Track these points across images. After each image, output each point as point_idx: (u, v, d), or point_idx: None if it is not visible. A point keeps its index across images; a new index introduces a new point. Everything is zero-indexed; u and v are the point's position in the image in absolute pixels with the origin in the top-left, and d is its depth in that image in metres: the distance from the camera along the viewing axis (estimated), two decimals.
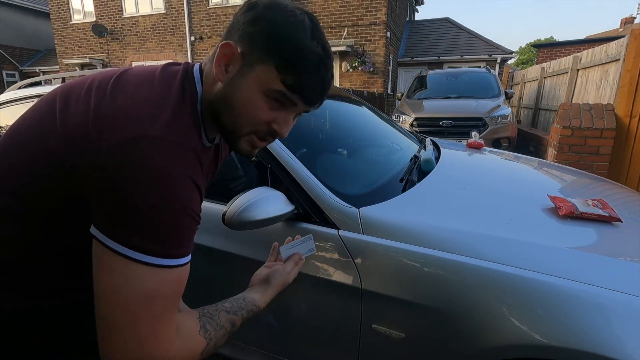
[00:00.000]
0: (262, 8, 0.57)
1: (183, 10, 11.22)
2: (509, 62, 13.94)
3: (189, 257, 0.58)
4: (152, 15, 11.89)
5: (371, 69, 10.04)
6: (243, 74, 0.58)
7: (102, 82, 0.59)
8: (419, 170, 1.47)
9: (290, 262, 0.89)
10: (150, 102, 0.56)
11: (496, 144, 4.75)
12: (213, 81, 0.61)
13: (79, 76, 0.74)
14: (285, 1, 0.59)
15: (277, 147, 1.17)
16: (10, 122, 1.85)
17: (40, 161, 0.56)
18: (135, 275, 0.51)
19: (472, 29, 12.24)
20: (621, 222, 1.15)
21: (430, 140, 2.03)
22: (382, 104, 9.48)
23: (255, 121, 0.60)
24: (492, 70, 6.29)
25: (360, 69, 10.05)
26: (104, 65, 13.26)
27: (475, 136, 2.26)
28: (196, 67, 0.65)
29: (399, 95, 6.89)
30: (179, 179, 0.53)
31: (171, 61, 0.67)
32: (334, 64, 10.45)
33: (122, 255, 0.51)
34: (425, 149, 1.75)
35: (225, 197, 1.18)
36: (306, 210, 1.12)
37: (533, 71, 7.46)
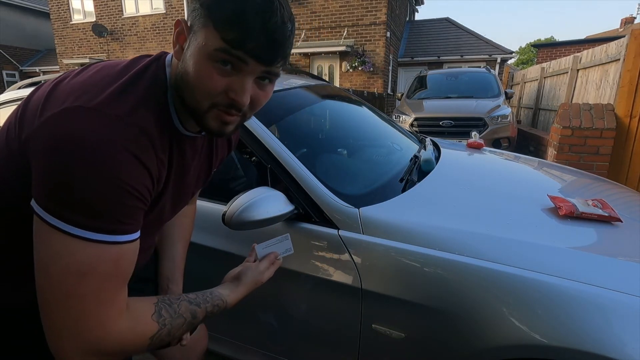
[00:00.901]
0: None
1: (183, 10, 11.22)
2: (509, 62, 13.95)
3: (130, 236, 0.54)
4: (152, 15, 11.89)
5: (371, 69, 10.04)
6: (190, 46, 0.55)
7: (71, 72, 0.60)
8: (419, 170, 1.47)
9: (264, 261, 0.86)
10: (102, 81, 0.55)
11: (496, 144, 4.75)
12: (176, 64, 0.59)
13: None
14: None
15: (277, 147, 1.17)
16: None
17: (6, 150, 0.57)
18: (67, 249, 0.49)
19: (472, 29, 12.25)
20: (621, 222, 1.15)
21: (430, 140, 2.03)
22: (382, 104, 9.48)
23: (210, 91, 0.55)
24: (492, 70, 6.29)
25: (360, 69, 10.05)
26: None
27: (475, 136, 2.26)
28: (169, 55, 0.63)
29: (399, 95, 6.89)
30: (113, 151, 0.50)
31: (146, 54, 0.66)
32: (334, 64, 10.51)
33: (55, 227, 0.49)
34: (425, 149, 1.75)
35: (225, 197, 1.18)
36: (306, 210, 1.12)
37: (533, 71, 7.46)
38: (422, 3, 17.10)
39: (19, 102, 1.66)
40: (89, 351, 0.51)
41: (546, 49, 12.13)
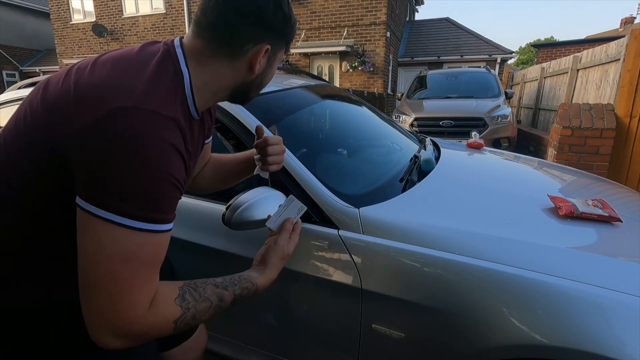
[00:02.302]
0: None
1: (183, 10, 11.22)
2: (509, 62, 13.95)
3: (169, 226, 0.59)
4: (152, 15, 11.89)
5: (371, 69, 10.04)
6: (271, 64, 0.72)
7: (82, 64, 0.63)
8: (419, 170, 1.47)
9: (283, 234, 0.85)
10: (127, 77, 0.58)
11: (496, 144, 4.75)
12: (237, 72, 0.68)
13: None
14: None
15: None
16: None
17: (30, 146, 0.59)
18: (113, 237, 0.53)
19: (472, 29, 12.25)
20: (621, 222, 1.15)
21: (430, 140, 2.03)
22: (382, 104, 9.48)
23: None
24: (492, 70, 6.29)
25: (360, 69, 10.05)
26: None
27: (475, 136, 2.26)
28: (176, 43, 0.66)
29: (399, 95, 6.89)
30: (156, 144, 0.54)
31: (150, 40, 0.71)
32: (334, 64, 10.52)
33: (101, 217, 0.53)
34: (425, 149, 1.75)
35: (225, 197, 1.18)
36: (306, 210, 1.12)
37: (533, 71, 7.46)
38: (422, 3, 17.10)
39: (19, 102, 1.66)
40: (118, 333, 0.55)
41: (546, 49, 12.13)
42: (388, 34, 9.95)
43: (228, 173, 1.04)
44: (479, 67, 8.07)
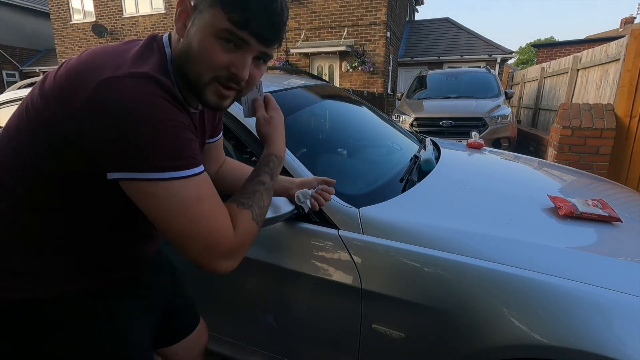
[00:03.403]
0: None
1: None
2: (509, 62, 13.94)
3: (202, 167, 0.63)
4: (152, 15, 11.89)
5: (371, 69, 10.04)
6: (195, 23, 0.60)
7: (73, 57, 0.66)
8: (418, 170, 1.47)
9: (259, 109, 0.81)
10: (114, 56, 0.61)
11: (496, 144, 4.75)
12: (177, 40, 0.65)
13: None
14: None
15: None
16: None
17: (33, 138, 0.61)
18: (174, 191, 0.58)
19: (472, 29, 12.24)
20: (621, 222, 1.15)
21: (430, 140, 2.03)
22: (382, 104, 9.48)
23: (213, 66, 0.61)
24: (492, 70, 6.29)
25: (360, 69, 10.04)
26: None
27: (475, 136, 2.26)
28: (165, 34, 0.69)
29: (399, 95, 6.89)
30: (155, 100, 0.56)
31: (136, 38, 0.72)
32: (334, 64, 10.51)
33: (153, 179, 0.57)
34: (425, 149, 1.75)
35: (224, 196, 1.18)
36: None
37: (533, 71, 7.46)
38: (422, 3, 17.09)
39: (19, 102, 1.65)
40: (225, 255, 0.63)
41: (546, 49, 12.14)
42: (388, 34, 9.95)
43: None
44: (479, 67, 8.07)
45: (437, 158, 1.68)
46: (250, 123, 1.21)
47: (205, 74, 0.62)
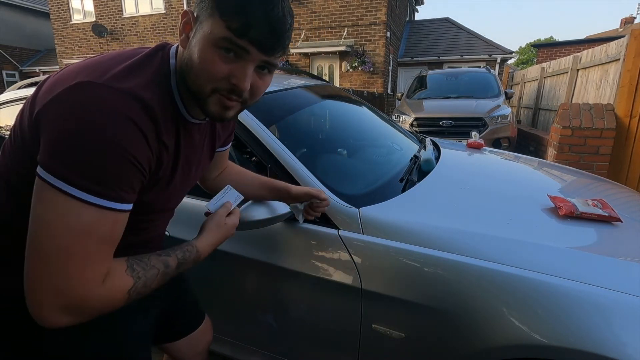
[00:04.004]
0: None
1: (183, 10, 11.22)
2: (509, 62, 13.94)
3: (127, 206, 0.58)
4: (152, 15, 11.89)
5: (371, 69, 10.04)
6: (196, 34, 0.59)
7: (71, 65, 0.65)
8: (418, 170, 1.47)
9: (222, 208, 0.83)
10: (110, 62, 0.59)
11: (496, 144, 4.75)
12: (181, 53, 0.63)
13: None
14: None
15: (277, 147, 1.17)
16: (11, 122, 1.85)
17: (23, 143, 0.60)
18: (70, 210, 0.52)
19: (472, 29, 12.24)
20: (621, 222, 1.15)
21: (430, 140, 2.03)
22: (382, 104, 9.48)
23: (213, 77, 0.59)
24: (492, 70, 6.29)
25: (360, 69, 10.05)
26: None
27: (475, 136, 2.26)
28: (174, 46, 0.67)
29: (399, 95, 6.89)
30: (116, 119, 0.53)
31: (147, 46, 0.71)
32: (334, 64, 10.51)
33: (59, 189, 0.52)
34: (425, 149, 1.75)
35: None
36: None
37: (533, 71, 7.46)
38: (422, 3, 17.09)
39: (19, 102, 1.66)
40: (68, 308, 0.54)
41: (546, 49, 12.14)
42: (388, 34, 9.95)
43: (258, 192, 1.04)
44: (479, 67, 8.07)
45: (437, 158, 1.68)
46: (255, 127, 1.21)
47: (206, 85, 0.60)
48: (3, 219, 0.64)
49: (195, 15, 0.60)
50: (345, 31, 10.09)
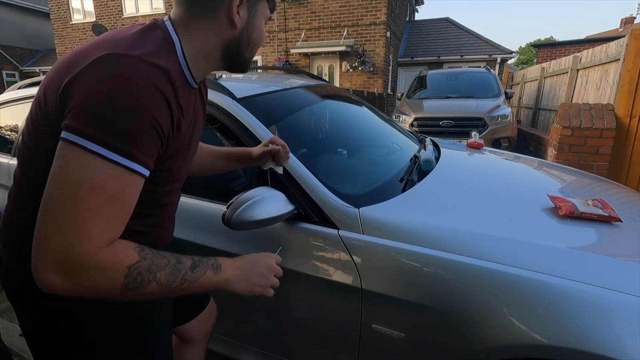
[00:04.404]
0: None
1: None
2: (509, 62, 13.94)
3: (142, 169, 0.59)
4: (152, 15, 11.88)
5: (371, 69, 10.04)
6: (253, 16, 0.71)
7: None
8: (418, 170, 1.47)
9: (276, 258, 0.83)
10: (116, 38, 0.63)
11: (496, 144, 4.75)
12: (219, 28, 0.69)
13: None
14: None
15: None
16: (10, 122, 1.85)
17: (47, 122, 0.61)
18: (84, 163, 0.54)
19: (472, 29, 12.24)
20: (621, 222, 1.15)
21: (430, 140, 2.03)
22: (382, 104, 9.47)
23: (261, 44, 0.77)
24: (492, 70, 6.29)
25: (360, 69, 10.04)
26: None
27: (475, 136, 2.26)
28: (164, 19, 0.72)
29: (399, 95, 6.89)
30: (142, 84, 0.56)
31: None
32: (334, 64, 10.51)
33: (75, 143, 0.53)
34: (425, 149, 1.75)
35: (225, 197, 1.18)
36: (306, 210, 1.12)
37: (533, 71, 7.46)
38: (422, 3, 17.09)
39: (19, 102, 1.65)
40: (64, 267, 0.53)
41: (546, 49, 12.13)
42: (388, 34, 9.95)
43: (216, 163, 1.07)
44: (479, 67, 8.07)
45: (437, 158, 1.68)
46: (251, 124, 1.21)
47: (256, 50, 0.76)
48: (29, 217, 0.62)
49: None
50: (345, 31, 10.09)
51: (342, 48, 9.86)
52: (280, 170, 1.07)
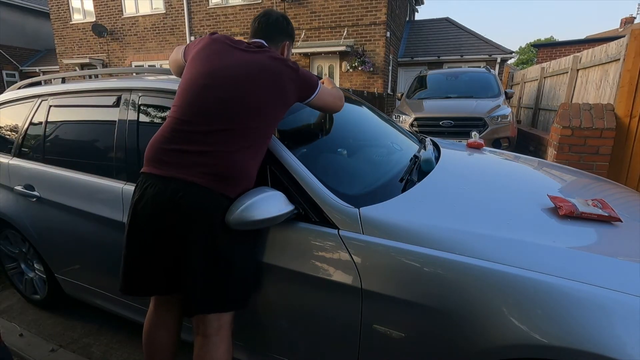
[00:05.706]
0: (280, 16, 1.35)
1: (183, 10, 11.20)
2: (509, 62, 13.94)
3: None
4: (152, 15, 11.88)
5: (371, 69, 10.03)
6: (290, 51, 1.39)
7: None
8: (418, 170, 1.47)
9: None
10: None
11: (496, 144, 4.74)
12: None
13: (79, 77, 0.78)
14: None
15: (277, 147, 1.17)
16: (10, 122, 1.84)
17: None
18: (325, 90, 1.33)
19: (472, 29, 12.24)
20: (621, 222, 1.15)
21: (430, 140, 2.02)
22: (382, 104, 9.47)
23: None
24: (492, 70, 6.29)
25: (360, 69, 10.04)
26: (104, 65, 13.23)
27: (475, 136, 2.26)
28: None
29: (399, 95, 6.88)
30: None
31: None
32: (334, 64, 10.52)
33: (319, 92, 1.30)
34: (425, 149, 1.75)
35: None
36: (306, 210, 1.12)
37: (533, 71, 7.46)
38: (422, 3, 17.09)
39: (19, 102, 1.65)
40: None
41: (546, 49, 12.13)
42: (388, 34, 9.95)
43: None
44: (479, 67, 8.06)
45: (437, 158, 1.68)
46: None
47: None
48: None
49: (287, 44, 1.36)
50: (345, 31, 10.09)
51: (342, 48, 9.86)
52: None
